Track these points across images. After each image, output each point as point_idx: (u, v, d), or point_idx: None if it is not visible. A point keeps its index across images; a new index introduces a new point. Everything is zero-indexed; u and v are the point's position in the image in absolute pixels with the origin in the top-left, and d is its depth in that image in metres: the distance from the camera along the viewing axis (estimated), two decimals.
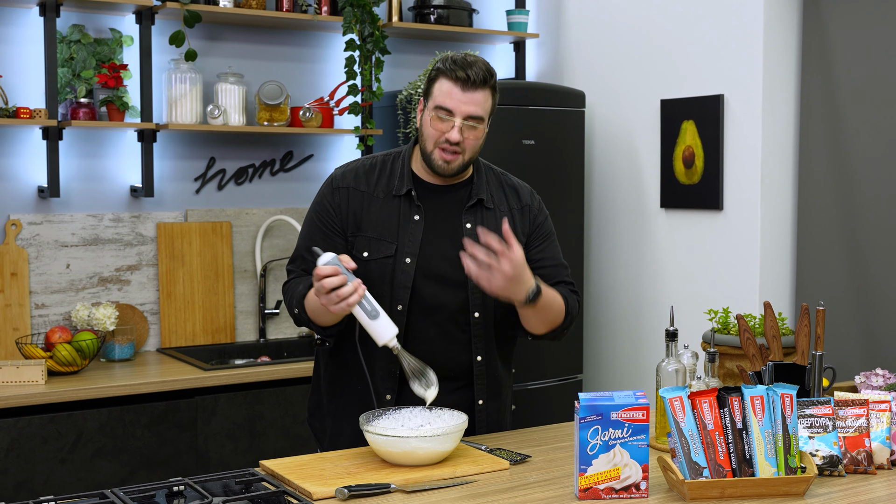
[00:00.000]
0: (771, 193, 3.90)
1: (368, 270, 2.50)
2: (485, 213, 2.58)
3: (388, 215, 2.54)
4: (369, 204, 2.55)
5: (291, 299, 2.53)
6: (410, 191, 2.55)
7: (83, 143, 4.00)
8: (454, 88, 2.45)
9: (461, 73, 2.44)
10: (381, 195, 2.56)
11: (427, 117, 2.50)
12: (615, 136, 4.52)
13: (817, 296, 3.76)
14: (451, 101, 2.45)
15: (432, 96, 2.49)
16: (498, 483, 2.21)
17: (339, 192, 2.57)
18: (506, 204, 2.62)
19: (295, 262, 2.61)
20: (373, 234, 2.53)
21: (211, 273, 4.22)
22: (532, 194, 2.70)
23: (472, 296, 2.53)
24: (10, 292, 3.83)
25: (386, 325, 2.34)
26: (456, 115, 2.46)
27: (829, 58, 3.80)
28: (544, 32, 4.89)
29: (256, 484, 2.19)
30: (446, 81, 2.46)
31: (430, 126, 2.49)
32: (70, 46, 3.93)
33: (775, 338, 2.51)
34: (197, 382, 3.62)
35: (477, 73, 2.44)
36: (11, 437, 3.32)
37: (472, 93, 2.45)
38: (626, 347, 4.52)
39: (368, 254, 2.52)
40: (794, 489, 2.11)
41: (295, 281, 2.56)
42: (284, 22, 4.25)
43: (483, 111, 2.48)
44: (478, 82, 2.45)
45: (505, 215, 2.58)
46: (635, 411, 2.09)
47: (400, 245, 2.52)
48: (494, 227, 2.53)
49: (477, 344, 2.56)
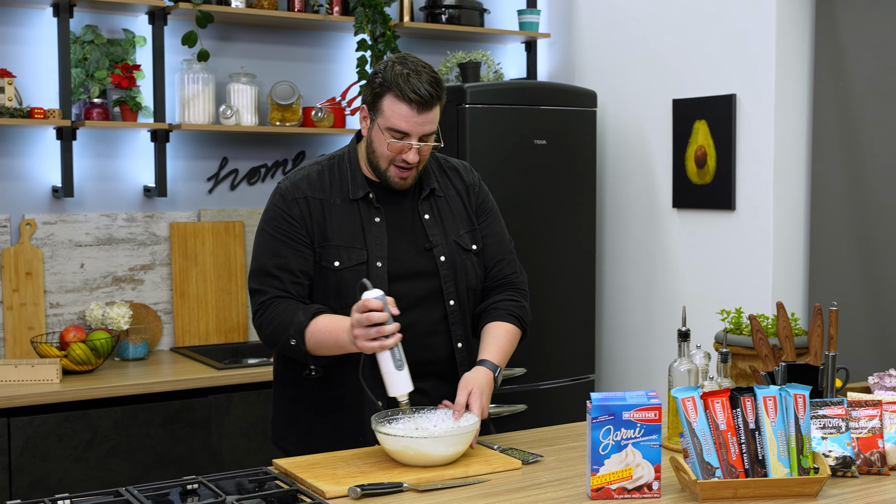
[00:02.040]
0: (783, 193, 3.90)
1: (342, 280, 2.46)
2: (437, 200, 2.59)
3: (350, 221, 2.49)
4: (329, 211, 2.48)
5: (284, 329, 2.42)
6: (368, 194, 2.51)
7: (97, 144, 4.02)
8: (409, 112, 2.38)
9: (414, 95, 2.36)
10: (338, 201, 2.50)
11: (378, 135, 2.44)
12: (627, 136, 4.52)
13: (830, 296, 3.75)
14: (407, 125, 2.39)
15: (383, 115, 2.41)
16: (510, 483, 2.21)
17: (297, 202, 2.49)
18: (451, 187, 2.63)
19: (264, 282, 2.48)
20: (340, 242, 2.47)
21: (224, 273, 4.23)
22: (471, 171, 2.71)
23: (445, 285, 2.54)
24: (24, 292, 3.84)
25: (406, 379, 2.33)
26: (412, 137, 2.41)
27: (841, 57, 3.79)
28: (556, 32, 4.88)
29: (269, 483, 2.20)
30: (398, 102, 2.38)
31: (383, 146, 2.43)
32: (83, 47, 3.95)
33: (788, 338, 2.51)
34: (210, 381, 3.63)
35: (429, 90, 2.37)
36: (27, 435, 3.33)
37: (427, 112, 2.40)
38: (638, 347, 4.52)
39: (340, 263, 2.46)
40: (806, 490, 2.10)
41: (281, 306, 2.44)
42: (296, 22, 4.26)
43: (436, 124, 2.44)
44: (432, 100, 2.39)
45: (453, 198, 2.61)
46: (647, 411, 2.09)
47: (370, 250, 2.48)
48: (449, 213, 2.58)
49: (456, 331, 2.57)
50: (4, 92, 3.69)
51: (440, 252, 2.54)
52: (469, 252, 2.59)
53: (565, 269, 4.34)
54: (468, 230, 2.61)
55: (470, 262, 2.59)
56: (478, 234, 2.63)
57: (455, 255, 2.56)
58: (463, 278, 2.57)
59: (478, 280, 2.61)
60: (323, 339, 2.38)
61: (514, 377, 4.20)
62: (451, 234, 2.57)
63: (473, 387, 2.41)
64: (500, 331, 2.57)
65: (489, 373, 2.47)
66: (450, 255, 2.55)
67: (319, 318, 2.41)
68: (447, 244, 2.55)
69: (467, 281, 2.58)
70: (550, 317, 4.29)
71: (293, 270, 2.47)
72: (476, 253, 2.61)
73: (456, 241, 2.57)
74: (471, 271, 2.59)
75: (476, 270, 2.60)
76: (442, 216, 2.58)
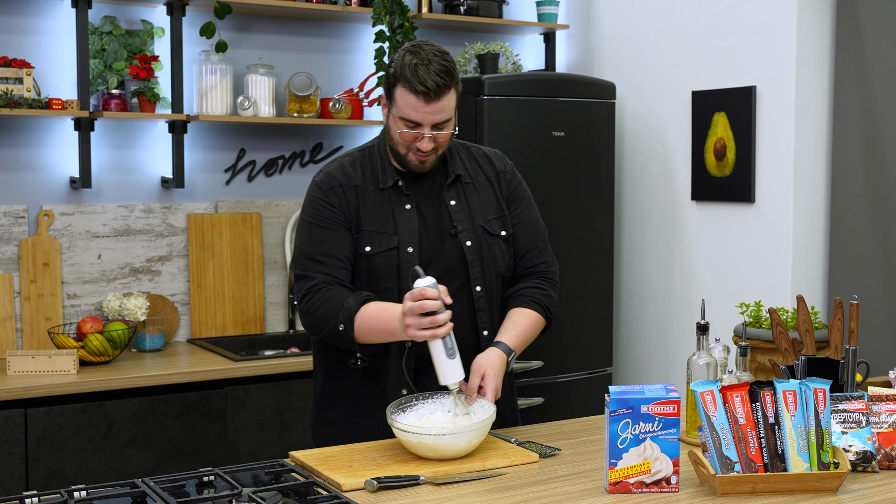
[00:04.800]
0: (803, 186, 3.87)
1: (373, 265, 2.50)
2: (465, 187, 2.61)
3: (382, 208, 2.53)
4: (363, 198, 2.53)
5: (332, 314, 2.43)
6: (398, 181, 2.55)
7: (115, 135, 4.02)
8: (417, 102, 2.42)
9: (421, 87, 2.39)
10: (370, 189, 2.54)
11: (394, 123, 2.48)
12: (646, 127, 4.50)
13: (851, 289, 3.73)
14: (417, 115, 2.43)
15: (396, 104, 2.46)
16: (527, 476, 2.20)
17: (333, 191, 2.53)
18: (482, 174, 2.65)
19: (309, 267, 2.50)
20: (373, 227, 2.51)
21: (241, 264, 4.24)
22: (503, 159, 2.71)
23: (472, 270, 2.55)
24: (42, 282, 3.85)
25: (458, 367, 2.34)
26: (424, 126, 2.45)
27: (862, 48, 3.76)
28: (574, 23, 4.86)
29: (286, 475, 2.19)
30: (408, 94, 2.42)
31: (398, 131, 2.47)
32: (102, 38, 3.95)
33: (808, 332, 2.49)
34: (227, 373, 3.63)
35: (437, 81, 2.40)
36: (44, 426, 3.34)
37: (437, 102, 2.42)
38: (656, 341, 4.50)
39: (371, 248, 2.50)
40: (826, 485, 2.09)
41: (330, 292, 2.46)
42: (314, 13, 4.25)
43: (449, 112, 2.47)
44: (441, 90, 2.41)
45: (482, 184, 2.62)
46: (666, 405, 2.08)
47: (401, 236, 2.52)
48: (477, 198, 2.59)
49: (482, 318, 2.57)
50: (23, 83, 3.70)
51: (465, 237, 2.55)
52: (497, 238, 2.59)
53: (583, 262, 4.33)
54: (497, 216, 2.61)
55: (498, 248, 2.59)
56: (507, 220, 2.62)
57: (481, 241, 2.56)
58: (490, 264, 2.57)
59: (507, 267, 2.60)
60: (373, 326, 2.39)
61: (531, 370, 4.19)
62: (477, 219, 2.58)
63: (486, 370, 2.40)
64: (521, 316, 2.56)
65: (502, 355, 2.45)
66: (476, 241, 2.56)
67: (370, 304, 2.42)
68: (473, 229, 2.56)
69: (495, 268, 2.58)
70: (568, 309, 4.27)
71: (337, 255, 2.49)
72: (505, 239, 2.61)
73: (482, 227, 2.58)
74: (499, 257, 2.58)
75: (505, 257, 2.60)
76: (469, 202, 2.59)
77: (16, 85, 3.69)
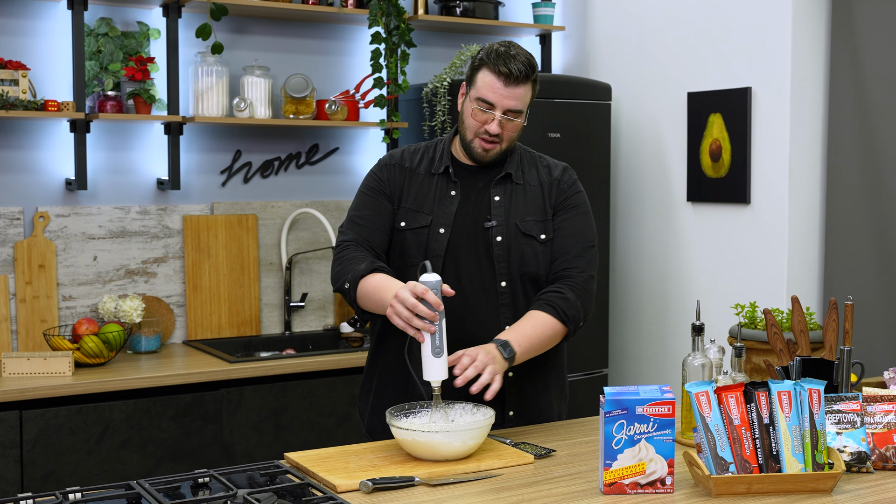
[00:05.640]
0: (799, 187, 3.87)
1: (404, 239, 2.62)
2: (513, 187, 2.65)
3: (426, 190, 2.65)
4: (410, 179, 2.66)
5: (346, 272, 2.55)
6: (448, 168, 2.65)
7: (110, 136, 4.02)
8: (497, 82, 2.52)
9: (504, 69, 2.50)
10: (422, 172, 2.67)
11: (468, 106, 2.58)
12: (641, 129, 4.50)
13: (846, 290, 3.73)
14: (493, 95, 2.52)
15: (475, 86, 2.56)
16: (522, 477, 2.20)
17: (387, 168, 2.69)
18: (536, 178, 2.68)
19: (348, 227, 2.65)
20: (411, 206, 2.63)
21: (237, 266, 4.23)
22: (565, 170, 2.74)
23: (498, 265, 2.59)
24: (37, 284, 3.85)
25: (441, 367, 2.33)
26: (497, 109, 2.54)
27: (858, 50, 3.76)
28: (570, 25, 4.87)
29: (281, 476, 2.19)
30: (489, 74, 2.53)
31: (471, 117, 2.58)
32: (97, 39, 3.95)
33: (803, 332, 2.49)
34: (222, 375, 3.63)
35: (519, 68, 2.51)
36: (39, 428, 3.34)
37: (514, 88, 2.52)
38: (651, 342, 4.50)
39: (405, 224, 2.62)
40: (821, 485, 2.09)
41: (354, 252, 2.58)
42: (310, 15, 4.25)
43: (522, 105, 2.56)
44: (520, 78, 2.52)
45: (532, 188, 2.66)
46: (661, 406, 2.08)
47: (435, 217, 2.60)
48: (522, 199, 2.63)
49: (505, 313, 2.59)
50: (18, 84, 3.69)
51: (497, 232, 2.59)
52: (530, 238, 2.60)
53: None
54: (538, 219, 2.62)
55: (530, 248, 2.60)
56: (549, 225, 2.63)
57: (512, 238, 2.59)
58: (518, 262, 2.59)
59: (538, 269, 2.60)
60: (369, 293, 2.48)
61: None
62: (514, 217, 2.61)
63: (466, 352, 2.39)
64: (530, 317, 2.54)
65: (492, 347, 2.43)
66: (506, 237, 2.59)
67: (377, 274, 2.50)
68: (507, 226, 2.60)
69: (523, 266, 2.59)
70: None
71: (373, 220, 2.63)
72: (542, 242, 2.61)
73: (517, 224, 2.60)
74: (529, 257, 2.59)
75: (538, 259, 2.60)
76: (513, 201, 2.63)
77: (11, 86, 3.69)
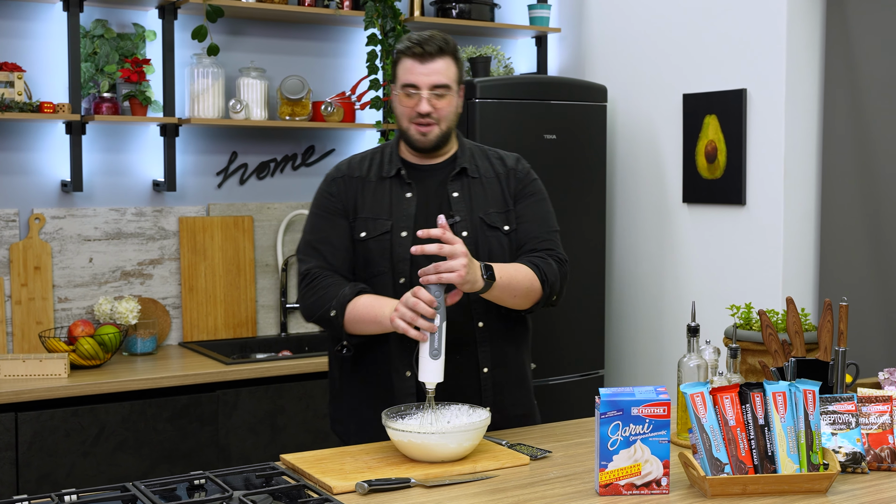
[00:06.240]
0: (794, 188, 3.88)
1: (367, 249, 2.59)
2: (470, 181, 2.65)
3: (381, 196, 2.62)
4: (363, 187, 2.64)
5: (326, 300, 2.52)
6: (400, 170, 2.63)
7: (106, 138, 4.02)
8: (413, 64, 2.55)
9: (417, 49, 2.54)
10: (373, 179, 2.65)
11: (397, 99, 2.61)
12: (637, 130, 4.51)
13: (840, 291, 3.74)
14: (413, 76, 2.55)
15: (398, 78, 2.59)
16: (518, 478, 2.20)
17: (336, 182, 2.66)
18: (491, 171, 2.68)
19: (309, 255, 2.61)
20: (369, 214, 2.61)
21: (233, 267, 4.23)
22: (519, 160, 2.74)
23: None
24: (33, 286, 3.85)
25: (438, 369, 2.34)
26: (421, 88, 2.55)
27: (852, 51, 3.77)
28: (566, 27, 4.87)
29: (277, 478, 2.19)
30: (405, 60, 2.56)
31: (401, 105, 2.59)
32: (93, 41, 3.95)
33: (798, 333, 2.49)
34: (218, 376, 3.63)
35: (432, 44, 2.54)
36: (34, 430, 3.34)
37: (431, 63, 2.54)
38: (647, 343, 4.51)
39: (366, 233, 2.59)
40: (816, 486, 2.09)
41: (326, 280, 2.55)
42: (306, 16, 4.25)
43: (447, 79, 2.56)
44: (434, 52, 2.54)
45: (489, 180, 2.65)
46: (656, 407, 2.08)
47: (395, 221, 2.58)
48: (481, 192, 2.62)
49: (476, 308, 2.57)
50: (14, 86, 3.69)
51: (462, 227, 2.57)
52: (496, 230, 2.60)
53: (574, 264, 4.32)
54: (499, 211, 2.63)
55: (496, 240, 2.59)
56: (511, 216, 2.64)
57: (478, 232, 2.58)
58: (486, 256, 2.57)
59: (505, 261, 2.58)
60: (362, 314, 2.47)
61: None
62: (477, 211, 2.61)
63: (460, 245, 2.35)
64: (513, 264, 2.53)
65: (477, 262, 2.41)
66: (472, 232, 2.58)
67: (363, 295, 2.51)
68: (471, 220, 2.59)
69: (491, 260, 2.57)
70: (560, 312, 4.28)
71: (333, 243, 2.60)
72: (506, 234, 2.61)
73: (481, 218, 2.59)
74: (496, 250, 2.58)
75: (504, 251, 2.60)
76: (472, 195, 2.62)
77: (7, 88, 3.69)
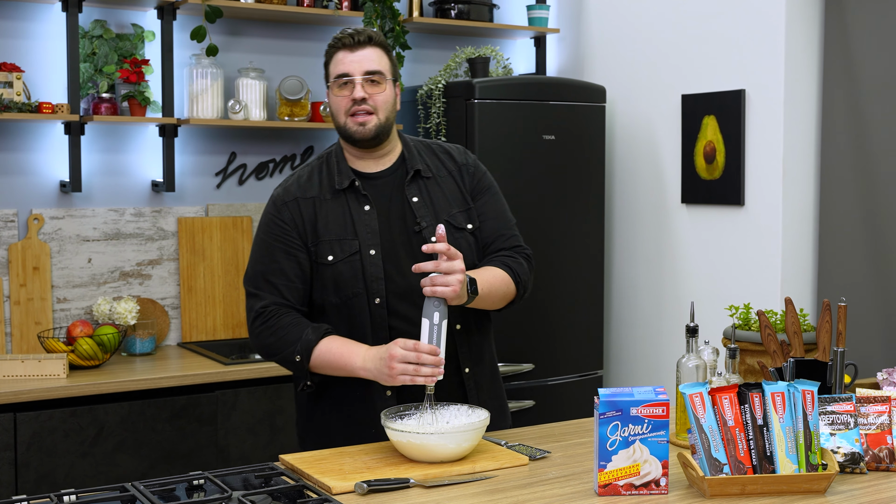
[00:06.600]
0: (793, 189, 3.88)
1: (338, 273, 2.49)
2: (425, 182, 2.60)
3: (340, 213, 2.53)
4: (320, 208, 2.53)
5: (288, 343, 2.45)
6: (354, 181, 2.55)
7: (105, 138, 4.02)
8: (344, 54, 2.52)
9: (347, 39, 2.52)
10: (328, 196, 2.54)
11: (331, 94, 2.55)
12: (636, 131, 4.51)
13: (839, 292, 3.74)
14: (345, 65, 2.51)
15: (330, 73, 2.55)
16: (517, 479, 2.20)
17: (287, 206, 2.54)
18: (443, 168, 2.64)
19: (261, 289, 2.51)
20: (332, 236, 2.51)
21: (232, 268, 4.23)
22: (465, 153, 2.71)
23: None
24: (32, 286, 3.85)
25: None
26: (354, 75, 2.50)
27: (851, 52, 3.77)
28: (565, 27, 4.87)
29: (276, 478, 2.19)
30: (336, 53, 2.54)
31: (336, 98, 2.53)
32: (92, 42, 3.95)
33: (796, 334, 2.50)
34: (217, 377, 3.63)
35: (361, 34, 2.53)
36: (33, 430, 3.34)
37: (361, 50, 2.51)
38: (646, 343, 4.51)
39: (333, 256, 2.50)
40: (815, 486, 2.09)
41: (284, 319, 2.48)
42: (305, 17, 4.26)
43: (379, 66, 2.53)
44: (364, 41, 2.52)
45: (444, 179, 2.61)
46: (655, 407, 2.08)
47: (361, 239, 2.51)
48: (440, 194, 2.58)
49: (452, 312, 2.51)
50: (13, 86, 3.69)
51: (430, 233, 2.51)
52: (463, 231, 2.57)
53: (573, 265, 4.33)
54: (462, 210, 2.60)
55: (465, 241, 2.56)
56: (473, 213, 2.61)
57: (448, 236, 2.51)
58: None
59: (474, 260, 2.57)
60: (331, 360, 2.42)
61: (522, 373, 4.19)
62: (442, 214, 2.56)
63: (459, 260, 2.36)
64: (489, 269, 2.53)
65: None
66: None
67: (330, 339, 2.44)
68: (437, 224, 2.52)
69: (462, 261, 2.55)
70: (559, 312, 4.28)
71: (288, 275, 2.50)
72: (472, 232, 2.59)
73: (448, 221, 2.55)
74: (465, 251, 2.53)
75: (472, 250, 2.57)
76: (432, 197, 2.58)
77: (6, 89, 3.69)
